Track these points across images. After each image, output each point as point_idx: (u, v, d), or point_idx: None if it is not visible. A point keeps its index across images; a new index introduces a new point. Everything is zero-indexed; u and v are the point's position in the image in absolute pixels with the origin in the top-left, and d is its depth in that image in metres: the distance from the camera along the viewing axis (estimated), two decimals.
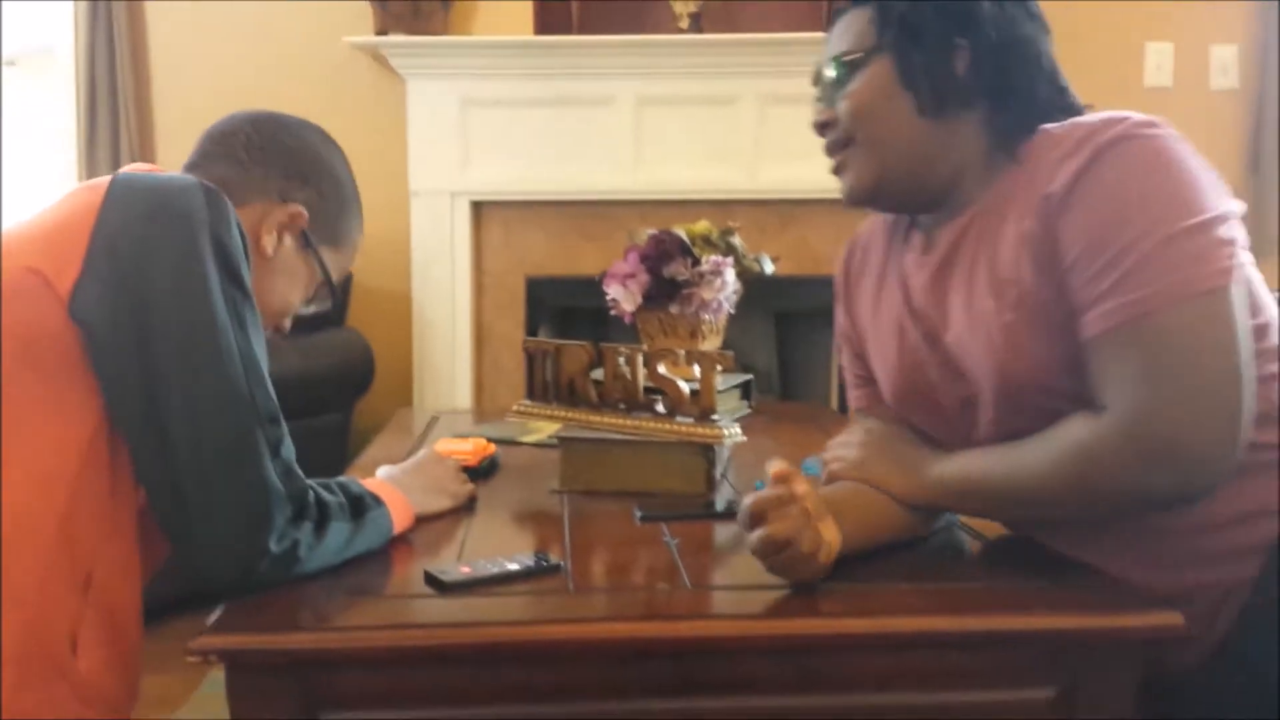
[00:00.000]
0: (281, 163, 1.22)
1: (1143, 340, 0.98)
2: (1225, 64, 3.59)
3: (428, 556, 1.15)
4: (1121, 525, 1.09)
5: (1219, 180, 1.05)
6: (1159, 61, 3.58)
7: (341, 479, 1.14)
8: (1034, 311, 1.06)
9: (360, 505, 1.11)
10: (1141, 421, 0.98)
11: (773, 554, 1.00)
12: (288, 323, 1.27)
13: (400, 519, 1.18)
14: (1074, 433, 1.02)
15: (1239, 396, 0.98)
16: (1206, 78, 3.60)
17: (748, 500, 1.01)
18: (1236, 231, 1.02)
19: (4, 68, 3.47)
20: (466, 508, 1.33)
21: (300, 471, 1.04)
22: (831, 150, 1.19)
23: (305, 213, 1.22)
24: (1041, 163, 1.06)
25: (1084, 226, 1.02)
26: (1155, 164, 1.01)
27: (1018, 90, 1.12)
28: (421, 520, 1.24)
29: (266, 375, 1.04)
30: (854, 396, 1.37)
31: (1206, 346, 0.98)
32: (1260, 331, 1.07)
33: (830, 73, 1.18)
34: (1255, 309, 1.07)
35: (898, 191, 1.18)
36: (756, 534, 1.00)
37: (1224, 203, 1.02)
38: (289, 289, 1.24)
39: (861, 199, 1.19)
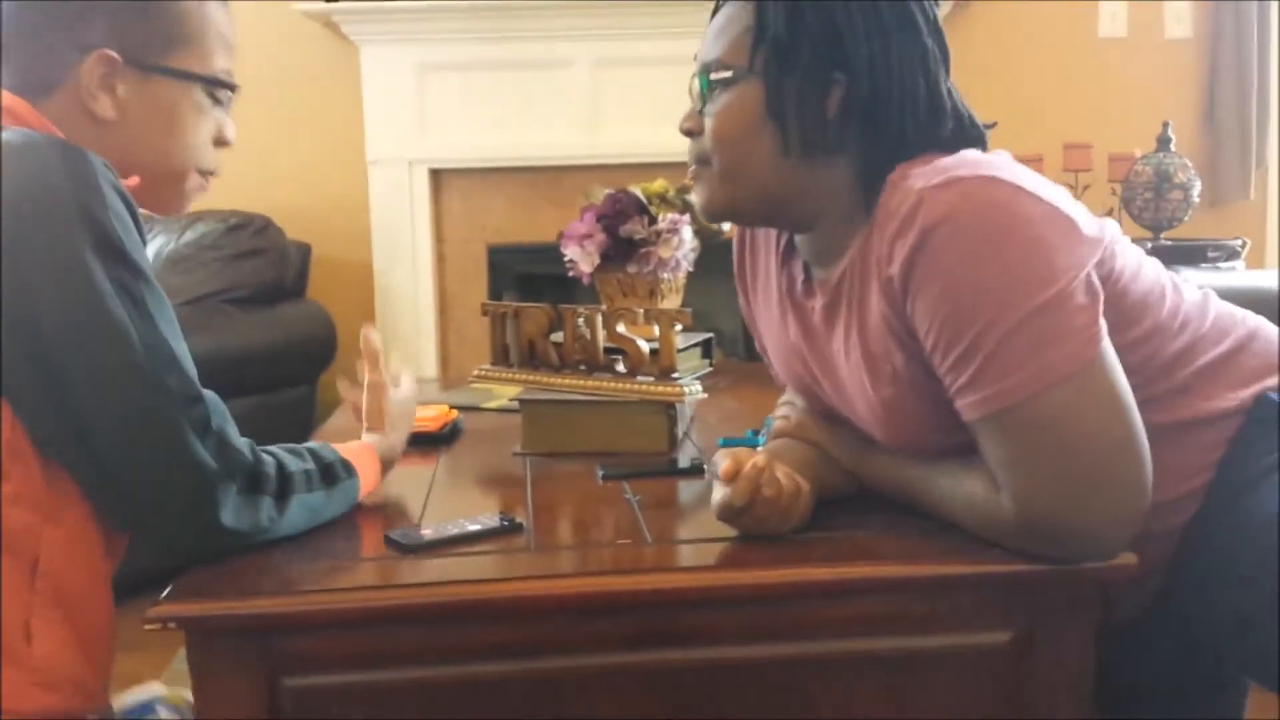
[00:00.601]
0: (52, 17, 1.05)
1: (1015, 430, 0.94)
2: (1179, 13, 3.61)
3: (388, 521, 1.14)
4: None
5: (1071, 213, 0.97)
6: (1113, 11, 3.59)
7: (314, 445, 1.12)
8: (910, 386, 1.02)
9: (331, 473, 1.10)
10: (1029, 510, 0.94)
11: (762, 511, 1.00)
12: (228, 137, 1.15)
13: (367, 485, 1.17)
14: (978, 493, 0.99)
15: (1130, 467, 0.94)
16: (1161, 27, 3.61)
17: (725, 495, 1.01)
18: (1092, 288, 0.95)
19: None
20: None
21: (240, 444, 1.00)
22: (691, 159, 1.13)
23: (111, 51, 1.04)
24: (884, 231, 0.99)
25: (930, 316, 0.96)
26: (992, 237, 0.93)
27: (888, 138, 1.04)
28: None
29: (179, 354, 0.97)
30: (773, 373, 1.36)
31: (1084, 429, 0.93)
32: (1146, 338, 1.05)
33: (698, 85, 1.11)
34: (1137, 316, 1.04)
35: (753, 219, 1.16)
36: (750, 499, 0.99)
37: (1076, 251, 0.95)
38: (173, 127, 1.10)
39: (716, 218, 1.15)
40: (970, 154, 1.02)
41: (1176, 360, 1.07)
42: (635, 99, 3.39)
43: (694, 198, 1.14)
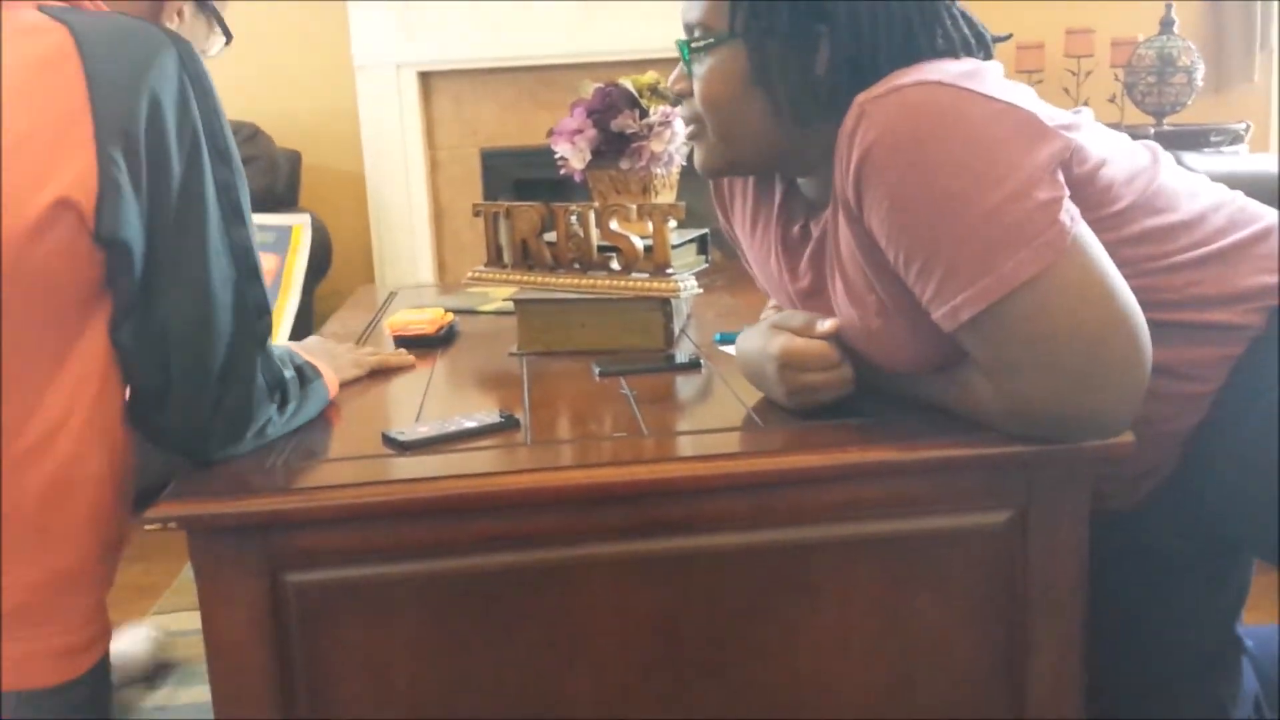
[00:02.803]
0: None
1: (992, 334, 0.92)
2: None
3: (386, 421, 1.15)
4: None
5: (1031, 109, 0.93)
6: None
7: (286, 348, 1.14)
8: (897, 315, 1.00)
9: (303, 375, 1.11)
10: (1022, 408, 0.94)
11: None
12: None
13: (333, 388, 1.18)
14: (978, 393, 0.97)
15: (1120, 351, 0.91)
16: None
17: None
18: (1055, 183, 0.91)
19: None
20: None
21: (274, 354, 1.03)
22: (685, 120, 1.12)
23: None
24: (839, 153, 0.96)
25: (886, 233, 0.94)
26: (932, 143, 0.90)
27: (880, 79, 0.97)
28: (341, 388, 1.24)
29: (258, 264, 1.00)
30: (760, 286, 1.33)
31: (1063, 324, 0.90)
32: (1146, 237, 1.02)
33: (681, 49, 1.08)
34: (1135, 216, 1.01)
35: (753, 171, 1.15)
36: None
37: (1032, 148, 0.91)
38: None
39: (714, 176, 1.15)
40: (928, 63, 0.97)
41: (1183, 261, 1.03)
42: None
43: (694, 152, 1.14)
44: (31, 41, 0.91)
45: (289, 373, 1.07)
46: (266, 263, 1.57)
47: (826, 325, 1.03)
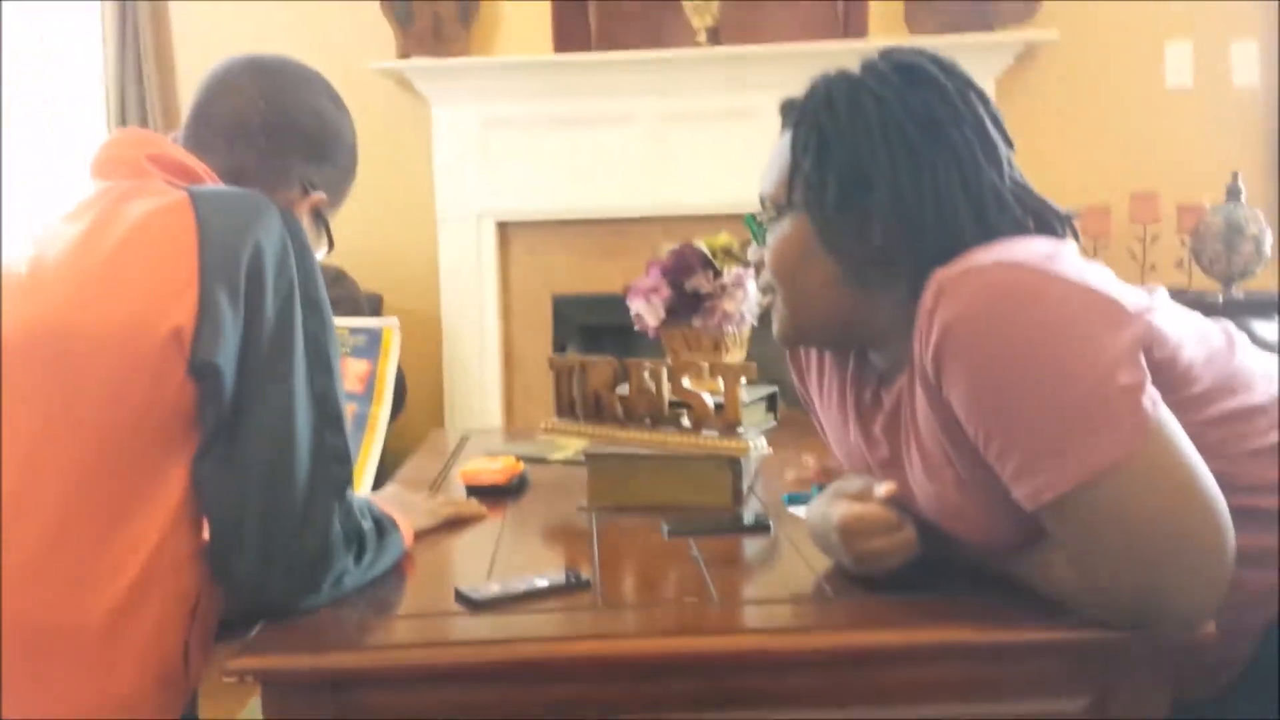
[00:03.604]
0: (303, 147, 1.21)
1: (1073, 518, 0.92)
2: (1246, 60, 3.56)
3: (458, 574, 1.16)
4: None
5: (1110, 294, 0.94)
6: (1179, 62, 3.55)
7: (364, 499, 1.16)
8: (976, 490, 1.00)
9: (381, 527, 1.13)
10: (1099, 592, 0.93)
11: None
12: None
13: (408, 538, 1.20)
14: (1057, 574, 0.96)
15: (1203, 540, 0.90)
16: (1228, 75, 3.56)
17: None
18: (1137, 368, 0.91)
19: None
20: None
21: (353, 504, 1.06)
22: (762, 291, 1.17)
23: (326, 196, 1.22)
24: (918, 331, 0.98)
25: (966, 412, 0.95)
26: (1012, 328, 0.91)
27: (937, 252, 0.99)
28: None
29: (341, 411, 1.05)
30: (833, 455, 1.33)
31: (1145, 512, 0.90)
32: (1224, 419, 1.01)
33: (748, 223, 1.15)
34: (1212, 398, 1.01)
35: (824, 342, 1.18)
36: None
37: (1113, 334, 0.92)
38: None
39: (789, 344, 1.19)
40: (1006, 242, 0.99)
41: (1262, 445, 1.02)
42: (698, 152, 3.42)
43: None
44: (155, 199, 1.03)
45: (367, 524, 1.09)
46: (358, 368, 1.65)
47: (883, 489, 1.04)
